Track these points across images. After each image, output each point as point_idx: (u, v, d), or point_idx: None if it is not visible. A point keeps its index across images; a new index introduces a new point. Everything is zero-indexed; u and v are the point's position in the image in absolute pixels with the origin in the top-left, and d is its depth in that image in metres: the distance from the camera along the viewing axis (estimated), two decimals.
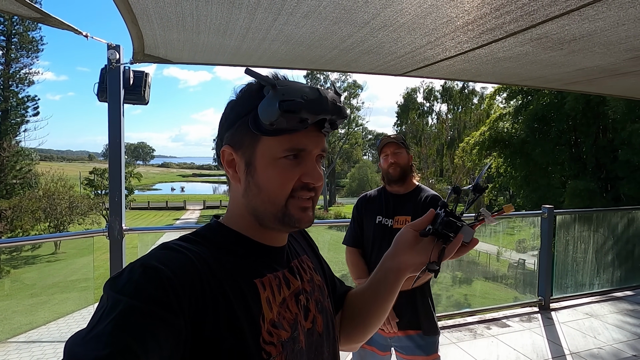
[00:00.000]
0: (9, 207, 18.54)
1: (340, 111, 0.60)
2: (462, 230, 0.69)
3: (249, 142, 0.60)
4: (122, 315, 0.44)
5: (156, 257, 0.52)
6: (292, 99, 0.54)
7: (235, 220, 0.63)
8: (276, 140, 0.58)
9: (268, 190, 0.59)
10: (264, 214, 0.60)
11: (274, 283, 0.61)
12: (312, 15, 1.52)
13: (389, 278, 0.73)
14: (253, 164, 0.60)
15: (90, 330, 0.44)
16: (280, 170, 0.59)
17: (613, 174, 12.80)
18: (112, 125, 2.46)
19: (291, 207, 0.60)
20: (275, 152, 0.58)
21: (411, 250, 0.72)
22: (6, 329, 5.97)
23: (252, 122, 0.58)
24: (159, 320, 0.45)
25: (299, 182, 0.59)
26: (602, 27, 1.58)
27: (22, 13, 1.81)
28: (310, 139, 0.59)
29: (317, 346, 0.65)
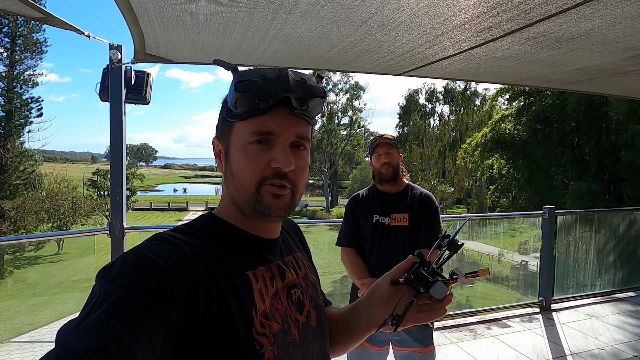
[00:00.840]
0: (12, 208, 18.64)
1: (309, 89, 0.57)
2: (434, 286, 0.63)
3: (226, 130, 0.61)
4: (114, 305, 0.44)
5: (149, 248, 0.52)
6: (248, 79, 0.54)
7: (225, 211, 0.64)
8: (244, 125, 0.58)
9: (239, 176, 0.59)
10: (240, 201, 0.60)
11: (266, 275, 0.61)
12: (310, 14, 1.54)
13: (360, 326, 0.72)
14: (229, 151, 0.61)
15: (82, 320, 0.43)
16: (249, 155, 0.58)
17: (616, 175, 12.74)
18: (113, 124, 2.48)
19: (263, 193, 0.58)
20: (244, 136, 0.58)
21: (385, 304, 0.68)
22: (9, 329, 6.01)
23: (224, 109, 0.60)
24: (151, 311, 0.45)
25: (269, 167, 0.58)
26: (599, 25, 1.59)
27: (26, 13, 1.83)
28: (278, 121, 0.57)
29: (310, 341, 0.65)
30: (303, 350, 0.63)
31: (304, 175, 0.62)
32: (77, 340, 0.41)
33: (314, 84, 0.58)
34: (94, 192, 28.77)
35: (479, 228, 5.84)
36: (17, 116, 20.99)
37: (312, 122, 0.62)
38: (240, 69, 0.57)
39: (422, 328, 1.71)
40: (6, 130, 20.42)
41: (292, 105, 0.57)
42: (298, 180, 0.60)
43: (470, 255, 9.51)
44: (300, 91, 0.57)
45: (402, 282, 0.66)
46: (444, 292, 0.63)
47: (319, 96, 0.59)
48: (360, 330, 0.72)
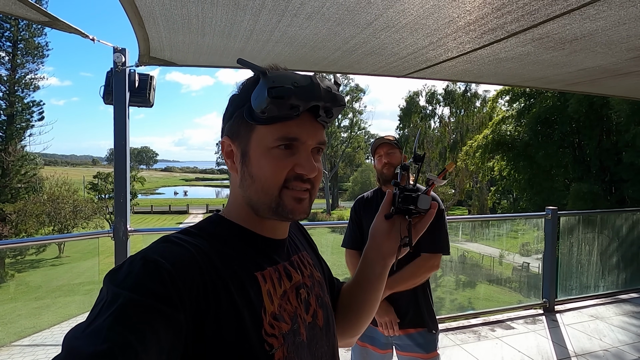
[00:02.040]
0: (14, 211, 18.67)
1: (335, 98, 0.59)
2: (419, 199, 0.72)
3: (244, 132, 0.60)
4: (121, 309, 0.44)
5: (157, 250, 0.51)
6: (281, 85, 0.54)
7: (235, 212, 0.64)
8: (269, 129, 0.58)
9: (261, 180, 0.59)
10: (258, 204, 0.60)
11: (274, 276, 0.61)
12: (315, 16, 1.54)
13: (375, 270, 0.75)
14: (248, 154, 0.60)
15: (90, 324, 0.43)
16: (273, 159, 0.58)
17: (617, 176, 12.72)
18: (117, 127, 2.49)
19: (285, 197, 0.59)
20: (268, 141, 0.58)
21: (388, 237, 0.75)
22: (11, 332, 5.99)
23: (246, 111, 0.59)
24: (158, 314, 0.45)
25: (292, 172, 0.59)
26: (603, 26, 1.60)
27: (31, 17, 1.84)
28: (303, 128, 0.58)
29: (318, 340, 0.65)
30: (311, 350, 0.63)
31: (320, 177, 0.64)
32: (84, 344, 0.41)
33: (338, 93, 0.60)
34: (95, 196, 28.82)
35: (480, 230, 5.82)
36: (18, 120, 21.06)
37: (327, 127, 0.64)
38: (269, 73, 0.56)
39: (424, 333, 1.69)
40: (7, 133, 20.48)
41: (318, 113, 0.58)
42: (316, 183, 0.62)
43: (472, 257, 9.49)
44: (328, 100, 0.58)
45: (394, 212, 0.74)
46: (428, 201, 0.72)
47: (342, 105, 0.60)
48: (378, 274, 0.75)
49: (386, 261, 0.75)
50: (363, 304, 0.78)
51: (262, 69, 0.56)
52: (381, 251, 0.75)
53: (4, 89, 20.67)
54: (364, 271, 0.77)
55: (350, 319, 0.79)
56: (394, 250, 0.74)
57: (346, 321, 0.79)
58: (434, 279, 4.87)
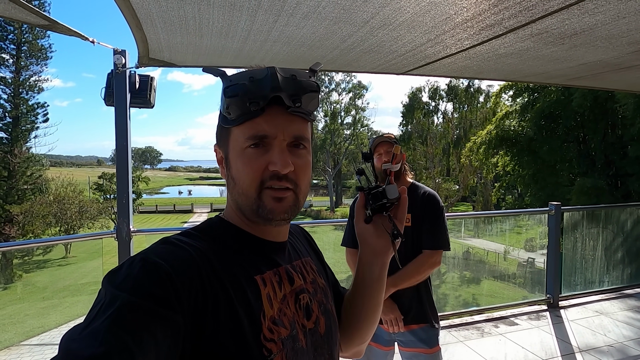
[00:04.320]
0: (20, 212, 18.86)
1: (300, 85, 0.56)
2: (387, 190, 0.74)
3: (224, 136, 0.61)
4: (119, 311, 0.43)
5: (156, 252, 0.51)
6: (236, 83, 0.54)
7: (231, 215, 0.64)
8: (240, 130, 0.57)
9: (239, 182, 0.58)
10: (243, 206, 0.60)
11: (274, 279, 0.60)
12: (312, 15, 1.54)
13: (374, 271, 0.75)
14: (228, 157, 0.60)
15: (87, 325, 0.43)
16: (247, 160, 0.57)
17: (623, 170, 12.61)
18: (119, 128, 2.50)
19: (265, 197, 0.57)
20: (240, 142, 0.57)
21: (376, 237, 0.74)
22: (19, 332, 6.07)
23: (220, 116, 0.59)
24: (157, 317, 0.44)
25: (267, 171, 0.56)
26: (603, 20, 1.58)
27: (31, 21, 1.86)
28: (272, 123, 0.56)
29: (318, 347, 0.64)
30: (311, 357, 0.62)
31: (305, 174, 0.60)
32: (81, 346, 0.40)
33: (306, 79, 0.57)
34: (100, 196, 29.02)
35: (484, 226, 5.81)
36: (23, 122, 21.23)
37: (310, 119, 0.60)
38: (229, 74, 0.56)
39: (427, 329, 1.70)
40: (13, 135, 20.66)
41: (285, 103, 0.55)
42: (300, 180, 0.59)
43: (476, 253, 9.46)
44: (291, 88, 0.55)
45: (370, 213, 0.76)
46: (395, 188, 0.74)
47: (311, 91, 0.57)
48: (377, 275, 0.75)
49: (383, 259, 0.74)
50: (366, 309, 0.76)
51: (220, 72, 0.56)
52: (375, 251, 0.74)
53: (9, 92, 20.84)
54: (362, 276, 0.76)
55: (355, 326, 0.78)
56: (386, 247, 0.74)
57: (352, 329, 0.78)
58: (438, 276, 4.86)
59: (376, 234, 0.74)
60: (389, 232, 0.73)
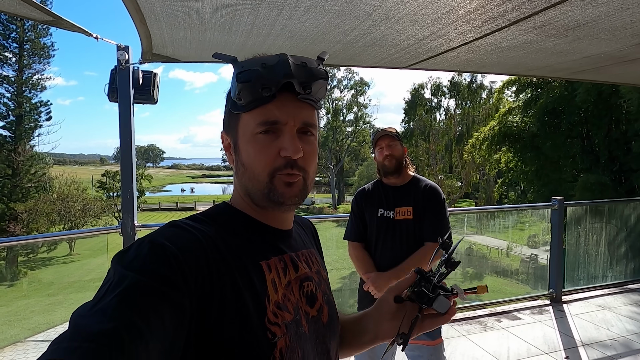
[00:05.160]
0: (24, 210, 18.99)
1: (311, 72, 0.57)
2: (437, 301, 0.65)
3: (233, 123, 0.62)
4: (127, 290, 0.44)
5: (164, 235, 0.52)
6: (249, 69, 0.54)
7: (238, 201, 0.65)
8: (250, 116, 0.58)
9: (251, 167, 0.59)
10: (253, 191, 0.61)
11: (279, 266, 0.61)
12: (314, 8, 1.55)
13: (364, 338, 0.74)
14: (237, 143, 0.61)
15: (96, 303, 0.44)
16: (258, 145, 0.58)
17: (627, 166, 12.54)
18: (122, 124, 2.52)
19: (276, 182, 0.59)
20: (251, 127, 0.58)
21: (391, 319, 0.70)
22: (25, 328, 6.14)
23: (230, 102, 0.60)
24: (164, 297, 0.45)
25: (279, 156, 0.58)
26: (606, 12, 1.58)
27: (36, 17, 1.87)
28: (283, 109, 0.57)
29: (320, 335, 0.65)
30: (313, 344, 0.63)
31: (313, 161, 0.62)
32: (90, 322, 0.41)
33: (315, 67, 0.58)
34: (104, 194, 29.15)
35: (487, 222, 5.79)
36: (27, 120, 21.33)
37: (317, 106, 0.62)
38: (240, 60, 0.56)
39: None
40: (17, 134, 20.77)
41: (296, 90, 0.56)
42: (308, 166, 0.61)
43: (479, 249, 9.45)
44: (303, 75, 0.56)
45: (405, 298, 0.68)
46: (447, 305, 0.66)
47: (321, 78, 0.58)
48: (365, 342, 0.74)
49: (377, 340, 0.73)
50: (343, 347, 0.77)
51: (232, 58, 0.56)
52: (378, 329, 0.72)
53: (12, 90, 20.93)
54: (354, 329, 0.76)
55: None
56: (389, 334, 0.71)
57: None
58: None
59: (392, 316, 0.70)
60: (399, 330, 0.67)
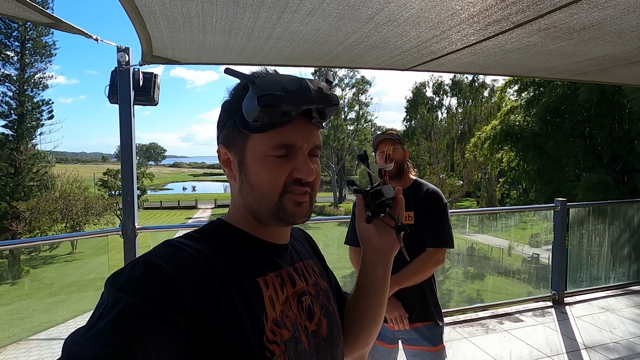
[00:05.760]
0: (27, 209, 19.05)
1: (327, 99, 0.58)
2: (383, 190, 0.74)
3: (239, 140, 0.60)
4: (121, 314, 0.43)
5: (158, 255, 0.51)
6: (270, 93, 0.53)
7: (236, 217, 0.64)
8: (263, 137, 0.57)
9: (260, 187, 0.59)
10: (259, 210, 0.60)
11: (276, 282, 0.60)
12: (316, 12, 1.53)
13: (378, 271, 0.74)
14: (244, 162, 0.60)
15: (90, 328, 0.43)
16: (270, 167, 0.58)
17: (629, 165, 12.48)
18: (123, 126, 2.51)
19: (286, 202, 0.59)
20: (264, 149, 0.58)
21: (379, 236, 0.74)
22: (27, 327, 6.17)
23: (239, 120, 0.58)
24: (159, 319, 0.45)
25: (291, 177, 0.59)
26: (613, 14, 1.55)
27: (35, 19, 1.86)
28: (298, 132, 0.58)
29: (321, 349, 0.64)
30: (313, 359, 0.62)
31: (318, 179, 0.63)
32: (84, 349, 0.41)
33: (330, 93, 0.59)
34: (106, 192, 29.20)
35: (489, 222, 5.78)
36: (29, 119, 21.36)
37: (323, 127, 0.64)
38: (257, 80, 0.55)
39: (431, 327, 1.70)
40: (19, 132, 20.81)
41: (312, 115, 0.58)
42: (315, 185, 0.62)
43: (481, 248, 9.44)
44: (320, 101, 0.57)
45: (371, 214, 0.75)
46: (391, 189, 0.75)
47: (335, 104, 0.60)
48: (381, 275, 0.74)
49: (387, 258, 0.74)
50: (370, 310, 0.76)
51: (250, 77, 0.55)
52: (378, 250, 0.74)
53: (14, 89, 20.95)
54: (366, 276, 0.75)
55: (358, 328, 0.77)
56: (389, 245, 0.73)
57: (355, 332, 0.77)
58: (442, 271, 4.86)
59: (378, 233, 0.74)
60: (392, 226, 0.73)
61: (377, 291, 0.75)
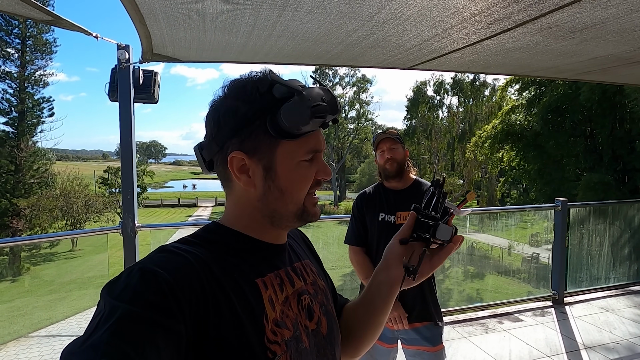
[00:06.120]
0: (27, 206, 19.05)
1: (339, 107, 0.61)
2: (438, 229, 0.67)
3: (266, 147, 0.58)
4: (119, 322, 0.43)
5: (154, 261, 0.51)
6: (319, 104, 0.56)
7: (237, 220, 0.63)
8: (297, 144, 0.59)
9: (291, 192, 0.61)
10: (285, 214, 0.62)
11: (275, 282, 0.60)
12: (316, 10, 1.52)
13: (382, 292, 0.73)
14: (273, 169, 0.59)
15: (87, 338, 0.43)
16: (304, 172, 0.61)
17: (630, 165, 12.47)
18: (123, 124, 2.50)
19: (307, 203, 0.63)
20: (297, 155, 0.60)
21: (400, 262, 0.71)
22: (27, 324, 6.18)
23: (272, 126, 0.56)
24: (157, 326, 0.44)
25: (314, 179, 0.63)
26: (615, 14, 1.54)
27: (35, 16, 1.85)
28: (320, 138, 0.63)
29: (321, 348, 0.64)
30: (315, 358, 0.62)
31: None
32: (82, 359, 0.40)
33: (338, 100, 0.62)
34: (106, 190, 29.23)
35: (489, 221, 5.78)
36: (29, 116, 21.34)
37: None
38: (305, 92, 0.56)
39: (431, 327, 1.69)
40: (19, 130, 20.79)
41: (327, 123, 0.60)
42: None
43: (481, 248, 9.44)
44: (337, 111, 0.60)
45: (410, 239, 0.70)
46: (449, 231, 0.67)
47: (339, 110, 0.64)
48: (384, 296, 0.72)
49: (393, 287, 0.72)
50: (367, 326, 0.75)
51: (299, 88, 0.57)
52: (390, 275, 0.72)
53: (15, 86, 20.93)
54: (371, 292, 0.74)
55: (352, 340, 0.76)
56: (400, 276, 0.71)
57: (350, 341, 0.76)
58: (443, 271, 4.86)
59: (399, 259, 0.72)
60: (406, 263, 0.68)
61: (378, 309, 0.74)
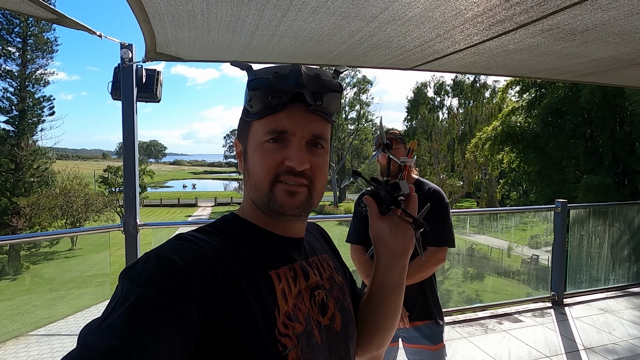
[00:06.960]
0: (27, 205, 19.05)
1: (324, 84, 0.57)
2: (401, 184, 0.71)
3: (244, 130, 0.62)
4: (135, 305, 0.44)
5: (170, 248, 0.52)
6: (260, 77, 0.55)
7: (247, 210, 0.64)
8: (260, 124, 0.58)
9: (254, 175, 0.59)
10: (256, 200, 0.60)
11: (289, 275, 0.60)
12: (320, 10, 1.53)
13: (394, 275, 0.72)
14: (246, 151, 0.62)
15: (104, 320, 0.44)
16: (264, 153, 0.58)
17: (630, 167, 12.49)
18: (126, 122, 2.51)
19: (277, 191, 0.58)
20: (260, 135, 0.58)
21: (394, 238, 0.71)
22: (27, 323, 6.17)
23: (243, 110, 0.61)
24: (171, 311, 0.45)
25: (283, 166, 0.57)
26: (616, 16, 1.56)
27: (39, 15, 1.86)
28: (293, 119, 0.56)
29: (333, 344, 0.63)
30: (327, 354, 0.61)
31: (322, 173, 0.61)
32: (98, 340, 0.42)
33: (329, 79, 0.58)
34: (106, 189, 29.21)
35: (489, 222, 5.78)
36: (30, 115, 21.34)
37: (331, 120, 0.61)
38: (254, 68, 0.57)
39: (431, 325, 1.70)
40: (20, 128, 20.80)
41: (307, 101, 0.56)
42: (316, 178, 0.60)
43: (480, 249, 9.44)
44: (314, 86, 0.56)
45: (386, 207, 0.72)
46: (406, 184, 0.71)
47: (334, 91, 0.58)
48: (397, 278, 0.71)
49: (403, 261, 0.71)
50: (384, 314, 0.73)
51: (247, 65, 0.57)
52: (394, 253, 0.71)
53: (15, 85, 20.94)
54: (381, 281, 0.73)
55: (373, 331, 0.75)
56: (405, 247, 0.70)
57: (369, 334, 0.75)
58: (442, 271, 4.86)
59: (392, 234, 0.71)
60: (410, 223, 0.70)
61: (393, 295, 0.72)
